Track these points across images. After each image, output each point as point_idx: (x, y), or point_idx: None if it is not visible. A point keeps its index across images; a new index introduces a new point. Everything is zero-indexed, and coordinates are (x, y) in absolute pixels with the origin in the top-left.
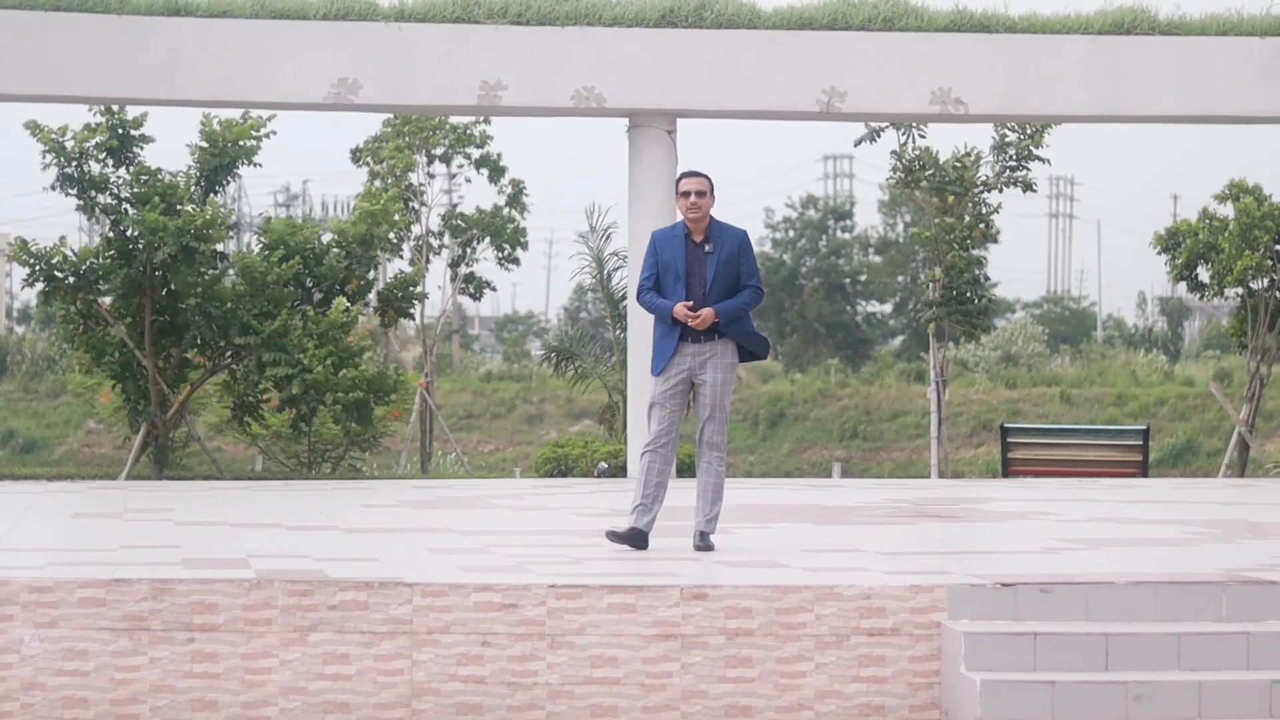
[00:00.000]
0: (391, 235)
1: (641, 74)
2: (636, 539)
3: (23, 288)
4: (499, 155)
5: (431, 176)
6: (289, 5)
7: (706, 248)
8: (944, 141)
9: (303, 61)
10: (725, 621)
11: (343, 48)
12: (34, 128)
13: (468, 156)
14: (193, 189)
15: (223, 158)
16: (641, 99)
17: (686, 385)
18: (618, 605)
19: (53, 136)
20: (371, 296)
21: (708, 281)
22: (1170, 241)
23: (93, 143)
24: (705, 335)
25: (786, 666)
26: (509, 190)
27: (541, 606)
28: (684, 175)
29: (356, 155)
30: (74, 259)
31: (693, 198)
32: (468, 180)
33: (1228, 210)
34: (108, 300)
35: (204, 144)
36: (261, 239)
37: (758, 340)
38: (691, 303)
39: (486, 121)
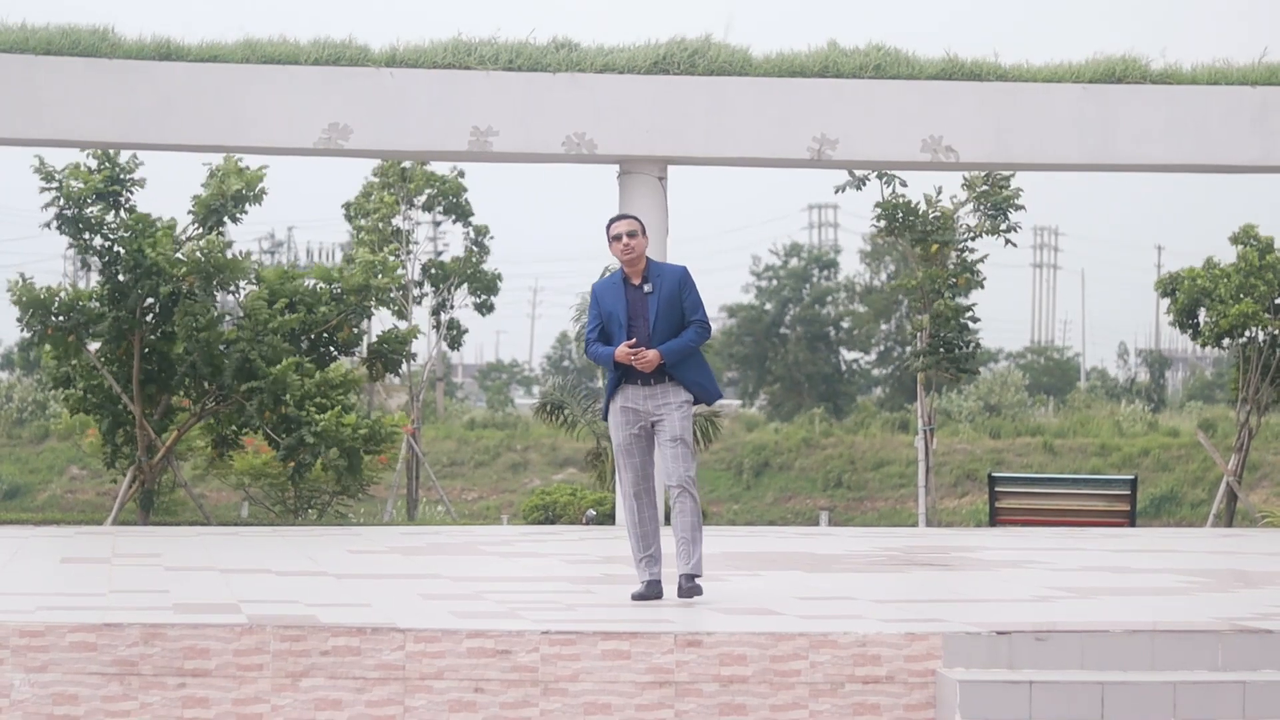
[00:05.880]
0: (392, 291)
1: (633, 121)
2: (656, 591)
3: (21, 329)
4: (467, 201)
5: (416, 224)
6: (280, 50)
7: (646, 288)
8: (930, 189)
9: (293, 107)
10: (719, 668)
11: (334, 93)
12: (40, 164)
13: (446, 209)
14: (190, 228)
15: (225, 205)
16: (633, 146)
17: (647, 429)
18: (611, 652)
19: (56, 175)
20: (362, 347)
21: (650, 323)
22: (1170, 286)
23: (83, 184)
24: (655, 378)
25: (781, 714)
26: (471, 236)
27: (535, 653)
28: (613, 220)
29: (349, 210)
30: (68, 299)
31: (625, 240)
32: (437, 224)
33: (1234, 252)
34: (96, 345)
35: (210, 186)
36: (253, 284)
37: (707, 389)
38: (634, 340)
39: (461, 174)
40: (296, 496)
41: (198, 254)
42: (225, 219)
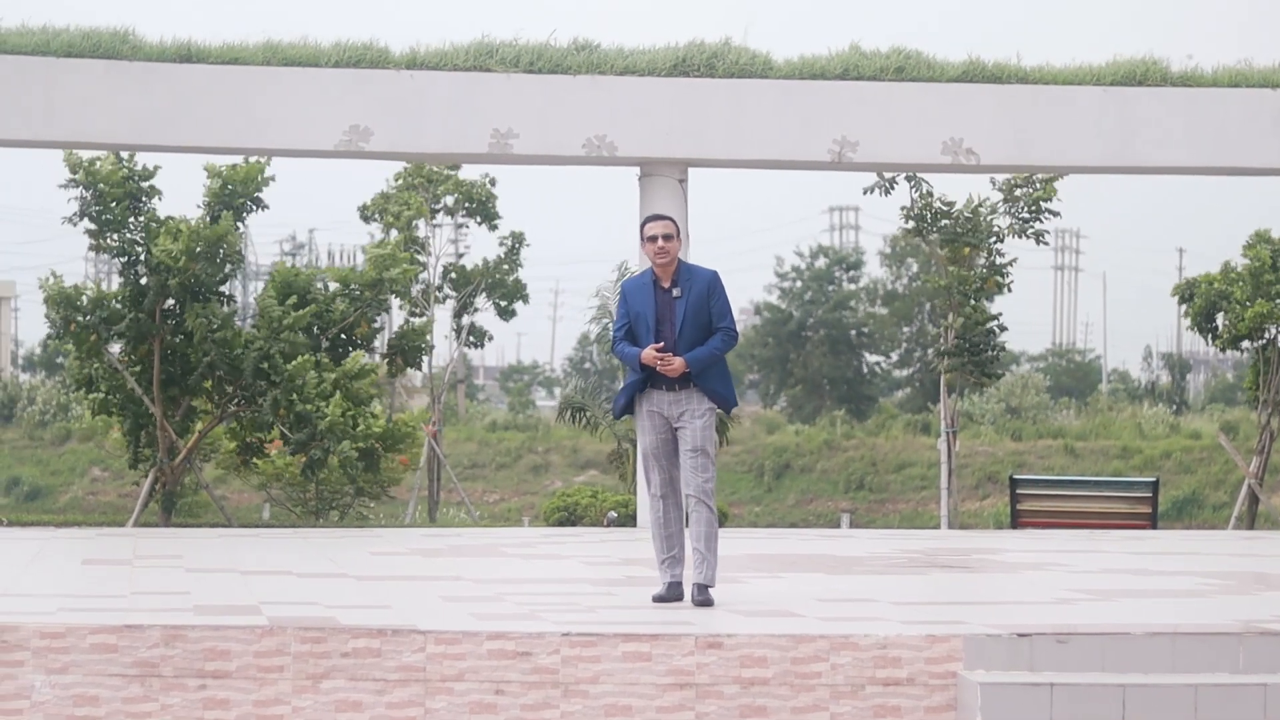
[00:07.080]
0: (408, 282)
1: (653, 123)
2: (678, 593)
3: (51, 327)
4: (495, 207)
5: (437, 227)
6: (300, 53)
7: (675, 292)
8: (953, 191)
9: (314, 109)
10: (740, 670)
11: (354, 95)
12: (69, 154)
13: (471, 212)
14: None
15: (232, 198)
16: (653, 148)
17: (671, 434)
18: (632, 654)
19: (81, 164)
20: (380, 343)
21: (677, 327)
22: (1187, 291)
23: (107, 184)
24: (680, 384)
25: (802, 716)
26: (508, 243)
27: (555, 654)
28: (649, 219)
29: (364, 212)
30: (94, 297)
31: (660, 242)
32: (459, 226)
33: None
34: (117, 347)
35: (213, 183)
36: (270, 285)
37: (726, 398)
38: (661, 344)
39: (492, 182)
40: (318, 498)
41: (195, 235)
42: (237, 211)
